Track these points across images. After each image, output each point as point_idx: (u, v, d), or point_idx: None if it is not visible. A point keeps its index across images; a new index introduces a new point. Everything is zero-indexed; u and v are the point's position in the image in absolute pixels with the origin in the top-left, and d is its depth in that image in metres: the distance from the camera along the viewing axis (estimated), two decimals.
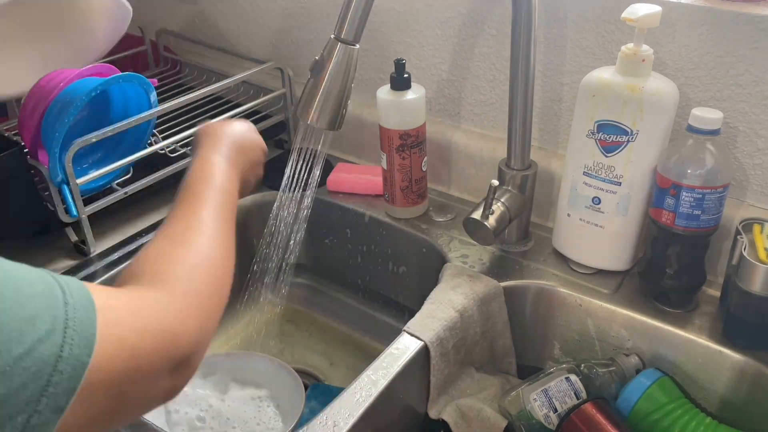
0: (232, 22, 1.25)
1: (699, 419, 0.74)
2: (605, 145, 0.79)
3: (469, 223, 0.85)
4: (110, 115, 0.99)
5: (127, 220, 0.99)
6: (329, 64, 0.72)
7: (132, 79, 0.94)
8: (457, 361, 0.81)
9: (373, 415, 0.70)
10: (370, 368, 0.73)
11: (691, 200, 0.74)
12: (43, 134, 0.89)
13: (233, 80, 1.07)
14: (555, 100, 0.92)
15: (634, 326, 0.81)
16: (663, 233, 0.78)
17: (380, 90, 0.92)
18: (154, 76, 1.28)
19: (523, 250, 0.92)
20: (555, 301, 0.86)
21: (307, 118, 0.74)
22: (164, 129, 1.05)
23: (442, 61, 1.00)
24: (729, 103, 0.78)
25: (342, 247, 1.08)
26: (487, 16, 0.93)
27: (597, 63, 0.85)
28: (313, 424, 0.67)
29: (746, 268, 0.72)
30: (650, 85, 0.75)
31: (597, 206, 0.83)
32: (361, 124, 1.10)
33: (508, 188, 0.88)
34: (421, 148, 0.95)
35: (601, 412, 0.74)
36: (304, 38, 1.16)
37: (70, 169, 0.86)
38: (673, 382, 0.78)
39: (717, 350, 0.76)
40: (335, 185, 1.07)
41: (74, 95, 0.87)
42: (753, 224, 0.76)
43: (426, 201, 1.01)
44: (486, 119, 1.00)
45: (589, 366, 0.80)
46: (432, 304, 0.81)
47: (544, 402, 0.77)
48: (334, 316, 1.12)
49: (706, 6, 0.76)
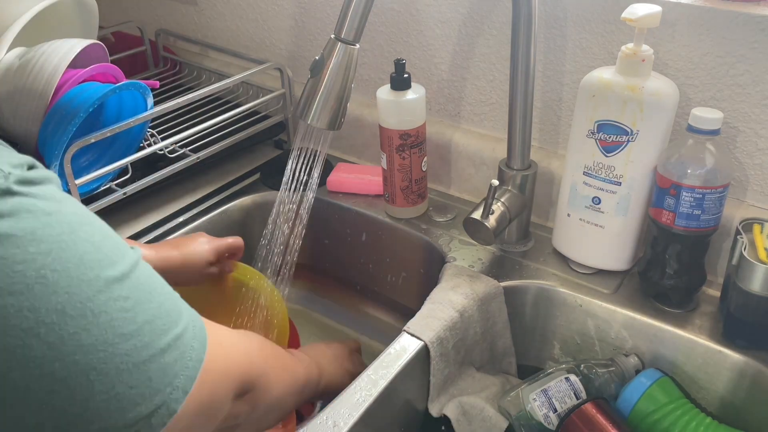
0: (232, 22, 1.25)
1: (699, 419, 0.74)
2: (605, 145, 0.79)
3: (469, 223, 0.85)
4: (104, 114, 0.99)
5: (126, 220, 0.99)
6: (329, 64, 0.72)
7: (130, 87, 0.93)
8: (457, 361, 0.81)
9: (373, 415, 0.70)
10: (370, 368, 0.73)
11: (691, 200, 0.74)
12: (41, 142, 0.88)
13: (233, 80, 1.07)
14: (555, 100, 0.92)
15: (634, 326, 0.81)
16: (663, 233, 0.78)
17: (380, 90, 0.92)
18: (153, 76, 1.28)
19: (523, 250, 0.92)
20: (555, 301, 0.86)
21: (307, 118, 0.74)
22: (164, 129, 1.05)
23: (442, 61, 1.00)
24: (729, 103, 0.78)
25: (342, 247, 1.08)
26: (487, 16, 0.93)
27: (597, 63, 0.85)
28: (312, 424, 0.67)
29: (746, 268, 0.72)
30: (650, 85, 0.75)
31: (597, 206, 0.83)
32: (361, 124, 1.10)
33: (508, 188, 0.88)
34: (421, 148, 0.95)
35: (601, 412, 0.74)
36: (304, 38, 1.16)
37: (70, 173, 0.86)
38: (673, 382, 0.77)
39: (717, 350, 0.76)
40: (335, 185, 1.07)
41: (74, 105, 0.86)
42: (753, 224, 0.76)
43: (426, 201, 1.01)
44: (486, 119, 1.00)
45: (588, 366, 0.80)
46: (432, 304, 0.81)
47: (544, 402, 0.77)
48: (334, 316, 1.12)
49: (706, 6, 0.76)
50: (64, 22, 1.04)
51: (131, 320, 0.42)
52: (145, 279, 0.46)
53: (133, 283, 0.44)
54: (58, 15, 1.02)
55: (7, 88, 0.89)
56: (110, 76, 0.97)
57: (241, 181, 1.10)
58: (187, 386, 0.45)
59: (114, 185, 0.96)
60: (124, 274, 0.43)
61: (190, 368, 0.46)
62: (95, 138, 0.88)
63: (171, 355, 0.45)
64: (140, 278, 0.45)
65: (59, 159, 0.85)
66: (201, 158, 1.03)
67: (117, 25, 1.29)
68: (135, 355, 0.42)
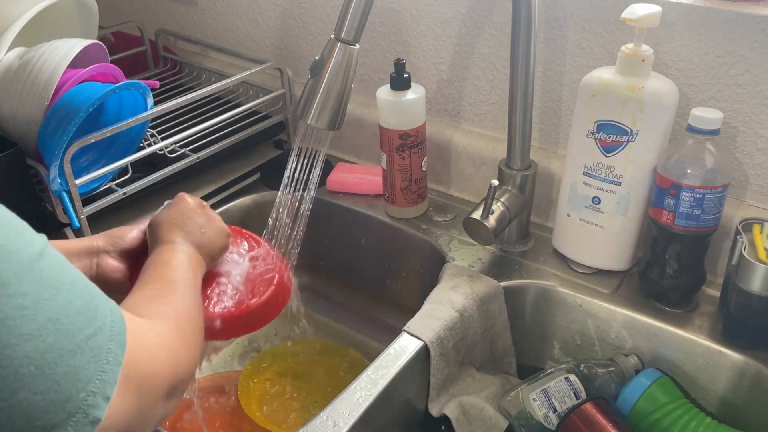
0: (232, 22, 1.25)
1: (699, 419, 0.74)
2: (605, 145, 0.79)
3: (469, 223, 0.85)
4: (104, 114, 0.99)
5: (126, 220, 0.99)
6: (329, 64, 0.72)
7: (130, 87, 0.93)
8: (457, 361, 0.81)
9: (373, 414, 0.70)
10: (370, 368, 0.73)
11: (691, 200, 0.74)
12: (41, 142, 0.88)
13: (233, 80, 1.07)
14: (555, 100, 0.92)
15: (633, 326, 0.81)
16: (663, 233, 0.78)
17: (380, 90, 0.92)
18: (153, 76, 1.28)
19: (523, 250, 0.92)
20: (555, 301, 0.86)
21: (307, 118, 0.74)
22: (164, 129, 1.05)
23: (442, 61, 1.00)
24: (729, 103, 0.78)
25: (342, 247, 1.08)
26: (487, 16, 0.93)
27: (597, 63, 0.85)
28: (313, 423, 0.67)
29: (746, 268, 0.72)
30: (650, 85, 0.75)
31: (597, 206, 0.83)
32: (361, 124, 1.10)
33: (508, 188, 0.88)
34: (420, 148, 0.95)
35: (601, 412, 0.74)
36: (304, 38, 1.16)
37: (70, 173, 0.86)
38: (673, 382, 0.77)
39: (717, 350, 0.76)
40: (335, 185, 1.07)
41: (74, 105, 0.86)
42: (753, 224, 0.76)
43: (426, 201, 1.01)
44: (486, 119, 1.00)
45: (588, 366, 0.80)
46: (432, 304, 0.81)
47: (544, 402, 0.77)
48: (334, 316, 1.12)
49: (706, 6, 0.76)
50: (64, 22, 1.04)
51: (31, 319, 0.38)
52: (51, 272, 0.41)
53: (36, 277, 0.40)
54: (58, 15, 1.02)
55: (7, 88, 0.89)
56: (110, 76, 0.97)
57: (241, 181, 1.10)
58: (106, 392, 0.42)
59: (114, 185, 0.96)
60: (23, 267, 0.39)
61: (108, 372, 0.42)
62: (95, 138, 0.88)
63: (82, 357, 0.40)
64: (44, 271, 0.40)
65: (59, 159, 0.85)
66: (201, 158, 1.03)
67: (117, 25, 1.29)
68: (38, 358, 0.38)
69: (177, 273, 0.61)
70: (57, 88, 0.88)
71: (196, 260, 0.65)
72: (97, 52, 0.99)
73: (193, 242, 0.66)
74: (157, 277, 0.60)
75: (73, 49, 0.90)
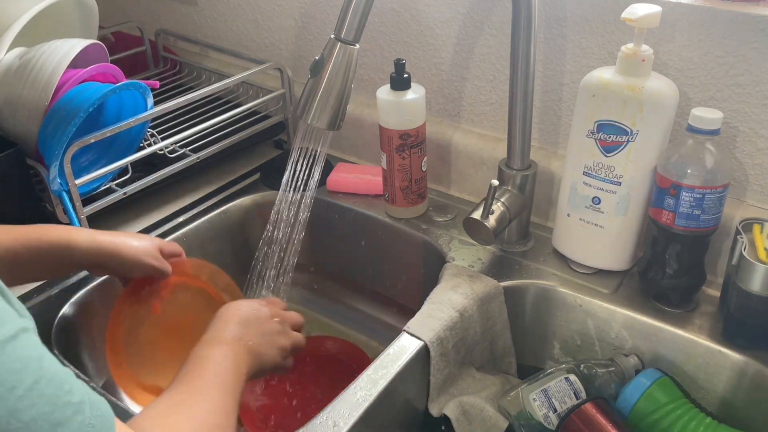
0: (232, 22, 1.25)
1: (699, 419, 0.74)
2: (605, 145, 0.79)
3: (469, 223, 0.85)
4: (104, 114, 0.99)
5: (126, 220, 0.99)
6: (329, 64, 0.72)
7: (130, 87, 0.93)
8: (457, 361, 0.81)
9: (373, 414, 0.70)
10: (370, 368, 0.73)
11: (691, 200, 0.74)
12: (41, 142, 0.89)
13: (233, 80, 1.07)
14: (555, 100, 0.92)
15: (633, 326, 0.81)
16: (663, 233, 0.78)
17: (380, 90, 0.92)
18: (153, 76, 1.28)
19: (523, 250, 0.92)
20: (555, 301, 0.86)
21: (307, 118, 0.74)
22: (164, 129, 1.05)
23: (442, 61, 1.00)
24: (729, 103, 0.79)
25: (342, 247, 1.08)
26: (487, 16, 0.93)
27: (597, 63, 0.85)
28: (313, 423, 0.67)
29: (746, 268, 0.72)
30: (650, 85, 0.75)
31: (597, 206, 0.83)
32: (361, 124, 1.10)
33: (508, 188, 0.88)
34: (420, 148, 0.95)
35: (601, 412, 0.74)
36: (304, 38, 1.16)
37: (70, 173, 0.86)
38: (673, 382, 0.77)
39: (717, 350, 0.76)
40: (335, 185, 1.07)
41: (74, 105, 0.86)
42: (753, 224, 0.76)
43: (426, 201, 1.01)
44: (486, 119, 1.00)
45: (588, 366, 0.80)
46: (432, 304, 0.81)
47: (544, 402, 0.77)
48: (334, 316, 1.12)
49: (706, 6, 0.76)
50: (64, 22, 1.04)
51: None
52: (11, 365, 0.37)
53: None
54: (58, 15, 1.02)
55: (7, 88, 0.90)
56: (110, 76, 0.97)
57: (241, 181, 1.10)
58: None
59: (114, 185, 0.96)
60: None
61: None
62: (95, 138, 0.88)
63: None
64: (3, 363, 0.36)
65: (59, 159, 0.85)
66: (201, 158, 1.03)
67: (117, 25, 1.29)
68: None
69: (213, 373, 0.60)
70: (57, 88, 0.88)
71: (244, 362, 0.64)
72: (97, 52, 0.99)
73: (249, 347, 0.66)
74: (190, 378, 0.59)
75: (73, 49, 0.90)
